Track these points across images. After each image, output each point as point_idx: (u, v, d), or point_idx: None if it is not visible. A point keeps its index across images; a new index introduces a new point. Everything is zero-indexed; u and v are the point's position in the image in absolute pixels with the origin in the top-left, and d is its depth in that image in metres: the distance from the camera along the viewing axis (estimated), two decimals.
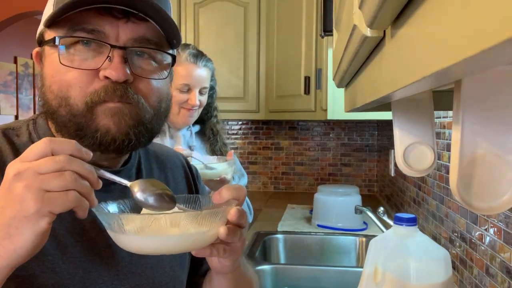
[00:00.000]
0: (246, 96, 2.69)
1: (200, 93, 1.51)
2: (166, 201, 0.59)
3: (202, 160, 1.38)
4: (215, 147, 1.62)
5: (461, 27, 0.18)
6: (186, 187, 0.86)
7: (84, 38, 0.62)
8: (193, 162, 1.36)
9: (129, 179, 0.64)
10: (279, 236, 1.97)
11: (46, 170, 0.49)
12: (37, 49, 0.69)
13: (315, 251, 1.95)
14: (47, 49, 0.65)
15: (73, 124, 0.64)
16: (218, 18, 2.67)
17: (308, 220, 2.19)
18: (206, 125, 1.65)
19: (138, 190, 0.58)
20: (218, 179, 1.34)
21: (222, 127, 1.68)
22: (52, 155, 0.51)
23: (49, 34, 0.65)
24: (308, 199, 2.46)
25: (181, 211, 0.62)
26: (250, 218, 1.67)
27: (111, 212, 0.59)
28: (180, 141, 1.53)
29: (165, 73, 0.69)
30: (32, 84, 5.96)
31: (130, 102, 0.64)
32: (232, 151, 1.54)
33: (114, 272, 0.67)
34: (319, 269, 1.60)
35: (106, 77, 0.63)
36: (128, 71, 0.63)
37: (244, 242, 0.65)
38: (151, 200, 0.58)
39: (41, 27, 0.67)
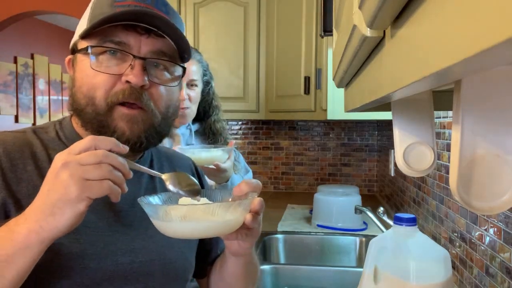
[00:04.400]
0: (246, 96, 2.69)
1: (189, 87, 1.48)
2: (193, 191, 0.72)
3: (192, 148, 1.37)
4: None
5: (461, 27, 0.18)
6: None
7: (112, 48, 0.75)
8: (180, 149, 1.35)
9: (142, 173, 0.78)
10: (279, 236, 1.97)
11: (87, 162, 0.60)
12: (69, 56, 0.81)
13: (315, 251, 1.95)
14: (79, 56, 0.78)
15: (96, 121, 0.76)
16: (218, 18, 2.67)
17: (308, 220, 2.19)
18: (205, 124, 1.62)
19: (170, 182, 0.71)
20: (213, 166, 1.33)
21: (223, 127, 1.64)
22: (95, 149, 0.61)
23: (82, 44, 0.77)
24: (308, 199, 2.46)
25: (218, 202, 0.74)
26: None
27: (154, 203, 0.71)
28: (179, 140, 1.51)
29: (176, 82, 0.82)
30: (32, 84, 5.96)
31: (143, 108, 0.76)
32: (234, 141, 1.52)
33: (129, 247, 0.78)
34: (319, 269, 1.60)
35: (127, 82, 0.75)
36: (146, 78, 0.75)
37: (260, 228, 0.77)
38: (180, 189, 0.71)
39: (75, 38, 0.79)
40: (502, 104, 0.32)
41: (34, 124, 5.83)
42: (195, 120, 1.60)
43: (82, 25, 0.79)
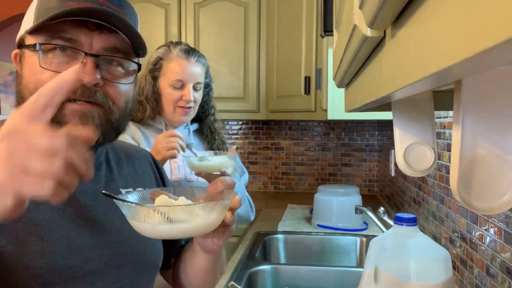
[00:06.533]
0: (246, 96, 2.69)
1: (194, 89, 1.51)
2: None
3: (196, 153, 1.38)
4: (213, 145, 1.63)
5: (461, 27, 0.18)
6: (152, 173, 0.98)
7: (62, 46, 0.71)
8: (186, 154, 1.36)
9: (99, 166, 0.81)
10: (279, 236, 1.97)
11: (38, 145, 0.44)
12: (16, 51, 0.77)
13: (315, 251, 1.94)
14: (27, 52, 0.74)
15: None
16: (218, 18, 2.67)
17: (308, 220, 2.19)
18: (204, 124, 1.65)
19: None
20: (219, 173, 1.34)
21: (220, 126, 1.68)
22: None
23: (29, 40, 0.73)
24: (308, 199, 2.46)
25: (199, 202, 0.73)
26: (252, 216, 1.68)
27: (130, 201, 0.70)
28: None
29: (131, 78, 0.79)
30: None
31: (98, 104, 0.72)
32: (234, 146, 1.54)
33: (95, 241, 0.75)
34: (319, 269, 1.60)
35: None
36: (99, 76, 0.72)
37: (233, 227, 0.79)
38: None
39: (21, 32, 0.75)
40: (502, 104, 0.32)
41: None
42: (193, 121, 1.62)
43: (29, 19, 0.74)
